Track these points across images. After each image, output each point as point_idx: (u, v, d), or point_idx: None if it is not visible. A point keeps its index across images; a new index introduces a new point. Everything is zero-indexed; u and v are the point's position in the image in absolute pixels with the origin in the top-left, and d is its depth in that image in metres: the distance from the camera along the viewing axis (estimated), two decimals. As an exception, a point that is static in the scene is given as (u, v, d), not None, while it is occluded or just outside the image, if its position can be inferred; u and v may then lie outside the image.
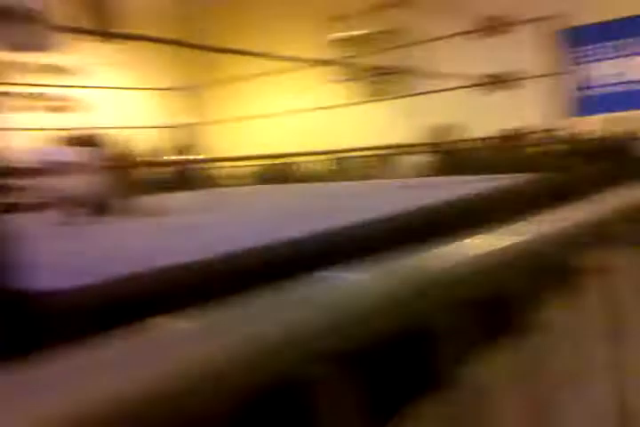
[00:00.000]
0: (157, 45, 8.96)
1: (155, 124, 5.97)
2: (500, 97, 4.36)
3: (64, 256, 1.71)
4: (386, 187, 3.94)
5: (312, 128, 9.16)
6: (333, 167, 8.13)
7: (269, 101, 9.43)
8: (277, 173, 8.54)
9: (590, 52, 8.43)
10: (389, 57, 7.97)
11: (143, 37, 2.18)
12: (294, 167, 8.30)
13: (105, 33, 7.23)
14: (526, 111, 5.48)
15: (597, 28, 8.06)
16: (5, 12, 1.00)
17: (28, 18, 1.03)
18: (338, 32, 9.21)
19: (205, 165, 6.83)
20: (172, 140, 7.20)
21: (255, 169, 8.76)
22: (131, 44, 9.35)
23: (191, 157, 5.69)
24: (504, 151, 5.20)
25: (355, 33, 9.12)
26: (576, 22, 7.44)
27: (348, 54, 8.83)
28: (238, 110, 9.54)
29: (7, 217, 1.03)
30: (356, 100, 8.99)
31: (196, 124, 5.73)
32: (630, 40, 8.22)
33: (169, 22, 9.76)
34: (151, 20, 9.13)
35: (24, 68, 8.37)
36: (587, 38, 8.16)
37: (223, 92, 9.63)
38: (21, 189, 2.39)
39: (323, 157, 8.15)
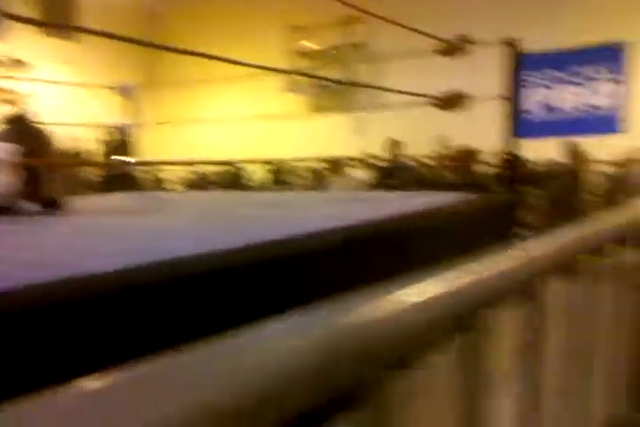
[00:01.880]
0: (109, 44, 8.65)
1: (90, 122, 5.68)
2: (452, 116, 4.38)
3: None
4: (317, 199, 3.85)
5: (259, 136, 9.03)
6: (275, 177, 8.01)
7: (218, 107, 9.24)
8: (215, 179, 8.33)
9: (535, 79, 8.75)
10: (348, 71, 7.97)
11: (92, 31, 2.00)
12: (228, 175, 8.14)
13: (57, 25, 6.88)
14: (478, 132, 5.58)
15: (542, 55, 8.38)
16: None
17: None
18: (301, 43, 9.17)
19: (141, 168, 6.55)
20: (110, 139, 6.88)
21: (192, 174, 8.53)
22: (84, 41, 9.00)
23: (127, 159, 5.42)
24: (453, 169, 5.26)
25: (316, 45, 9.09)
26: (528, 48, 7.72)
27: (308, 65, 8.79)
28: (183, 113, 9.28)
29: None
30: (307, 112, 8.94)
31: (135, 124, 5.48)
32: (576, 69, 8.60)
33: (131, 21, 9.43)
34: (112, 17, 8.80)
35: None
36: (533, 65, 8.46)
37: (171, 95, 9.35)
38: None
39: (262, 165, 8.02)
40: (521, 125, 8.14)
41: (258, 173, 8.16)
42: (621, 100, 8.38)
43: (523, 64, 8.10)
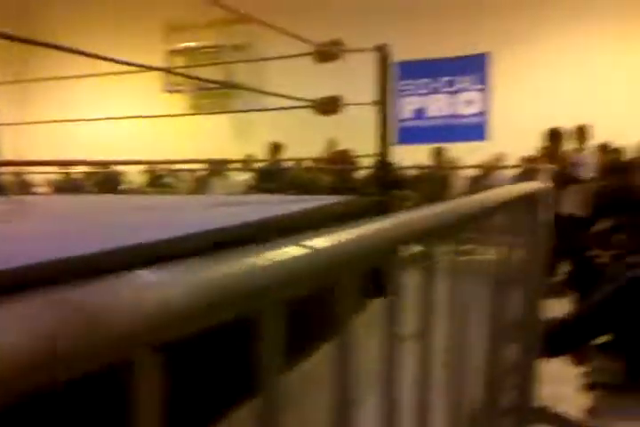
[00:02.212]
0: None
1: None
2: (331, 120, 4.47)
3: None
4: (190, 203, 3.78)
5: (138, 138, 8.68)
6: (153, 179, 7.74)
7: (93, 107, 8.77)
8: (89, 182, 7.91)
9: (410, 87, 9.17)
10: (229, 72, 7.86)
11: None
12: (103, 178, 7.76)
13: None
14: (360, 136, 5.71)
15: (416, 64, 8.80)
16: None
17: None
18: (180, 42, 8.93)
19: (5, 169, 6.04)
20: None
21: (63, 177, 8.03)
22: None
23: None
24: (331, 173, 5.38)
25: (194, 44, 8.90)
26: (402, 57, 8.06)
27: (185, 65, 8.59)
28: (56, 112, 8.72)
29: None
30: (184, 112, 8.72)
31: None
32: (448, 78, 9.11)
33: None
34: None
35: None
36: (409, 73, 8.85)
37: (43, 93, 8.75)
38: None
39: (139, 167, 7.72)
40: (397, 132, 8.51)
41: (135, 176, 7.84)
42: (487, 109, 9.01)
43: (399, 72, 8.44)
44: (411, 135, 8.64)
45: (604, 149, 6.46)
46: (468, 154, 7.46)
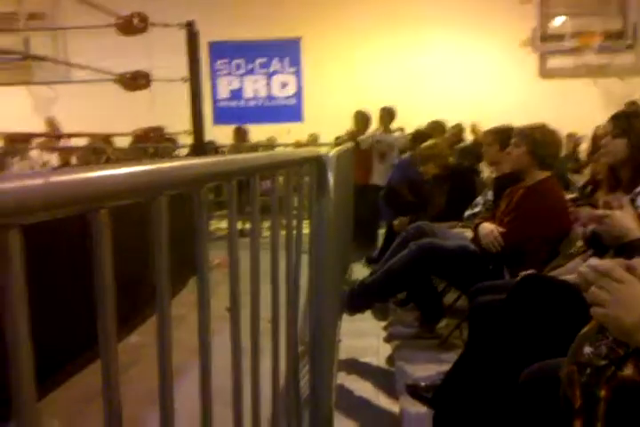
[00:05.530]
0: None
1: None
2: (138, 96, 4.32)
3: None
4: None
5: None
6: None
7: None
8: None
9: (226, 67, 9.13)
10: (23, 43, 7.15)
11: None
12: None
13: None
14: (174, 114, 5.54)
15: (230, 45, 8.78)
16: None
17: None
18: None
19: None
20: None
21: None
22: None
23: None
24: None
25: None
26: (215, 38, 7.95)
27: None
28: None
29: None
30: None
31: None
32: (264, 60, 9.21)
33: None
34: None
35: None
36: (225, 54, 8.79)
37: None
38: None
39: None
40: (215, 112, 8.38)
41: None
42: (301, 92, 9.32)
43: (213, 52, 8.27)
44: (228, 116, 8.65)
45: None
46: (284, 135, 7.69)
